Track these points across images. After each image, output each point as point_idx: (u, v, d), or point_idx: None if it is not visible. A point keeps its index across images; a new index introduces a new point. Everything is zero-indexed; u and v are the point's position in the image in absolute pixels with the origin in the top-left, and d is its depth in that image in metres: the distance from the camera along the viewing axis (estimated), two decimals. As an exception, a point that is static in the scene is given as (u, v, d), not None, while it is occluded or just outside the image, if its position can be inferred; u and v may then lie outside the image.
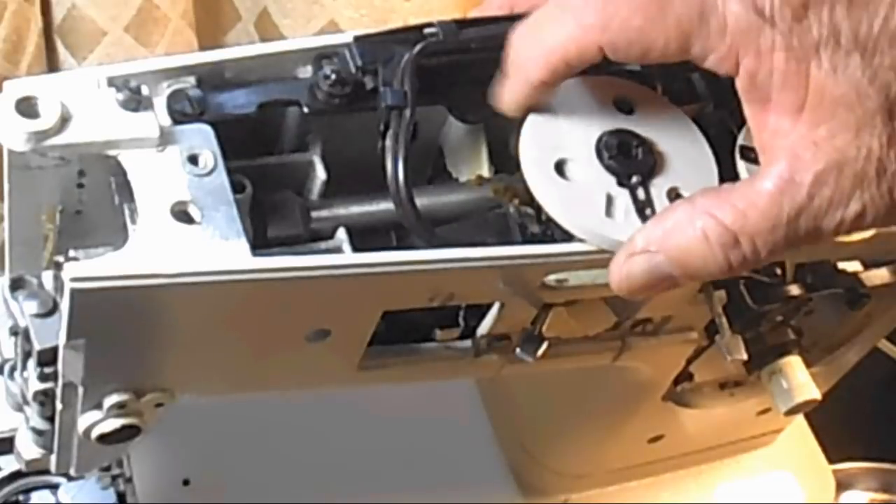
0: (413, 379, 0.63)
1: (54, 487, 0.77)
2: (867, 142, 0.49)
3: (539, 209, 0.54)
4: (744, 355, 0.63)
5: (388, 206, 0.54)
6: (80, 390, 0.52)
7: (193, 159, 0.50)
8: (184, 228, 0.48)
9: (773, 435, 0.90)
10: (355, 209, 0.55)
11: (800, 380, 0.69)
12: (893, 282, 0.70)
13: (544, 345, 0.59)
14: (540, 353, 0.60)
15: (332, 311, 0.53)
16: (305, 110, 0.54)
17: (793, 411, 0.70)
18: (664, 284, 0.51)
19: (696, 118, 0.57)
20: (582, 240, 0.53)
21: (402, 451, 0.84)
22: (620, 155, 0.54)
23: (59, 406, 0.54)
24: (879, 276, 0.70)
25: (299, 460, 0.82)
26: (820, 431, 0.94)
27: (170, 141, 0.50)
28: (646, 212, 0.53)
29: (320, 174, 0.55)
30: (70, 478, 0.75)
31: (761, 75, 0.49)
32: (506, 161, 0.57)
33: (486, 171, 0.59)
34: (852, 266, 0.69)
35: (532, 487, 0.86)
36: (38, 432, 0.58)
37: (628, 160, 0.54)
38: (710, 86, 0.59)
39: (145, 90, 0.50)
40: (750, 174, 0.56)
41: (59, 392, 0.53)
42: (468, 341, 0.60)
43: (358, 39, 0.54)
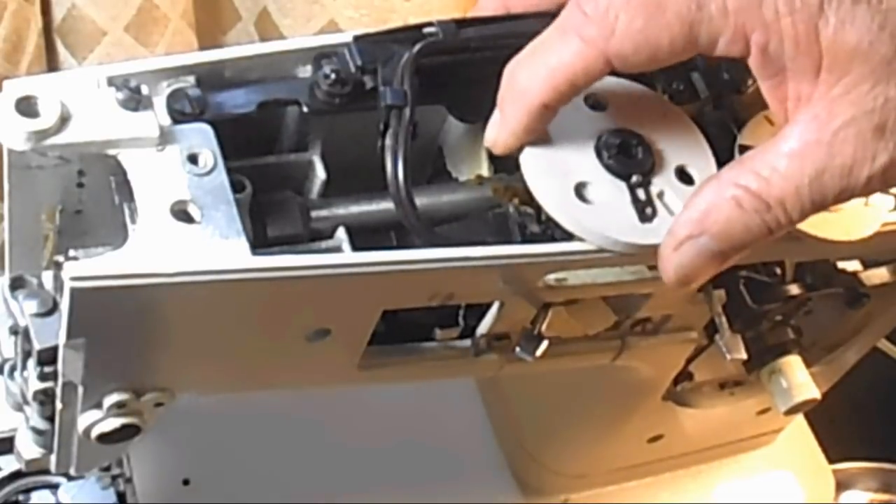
0: (413, 378, 0.63)
1: (54, 487, 0.77)
2: (884, 91, 0.48)
3: (539, 208, 0.54)
4: (743, 355, 0.63)
5: (387, 205, 0.54)
6: (80, 390, 0.52)
7: (193, 159, 0.50)
8: (183, 228, 0.48)
9: (772, 435, 0.90)
10: (355, 209, 0.55)
11: (799, 379, 0.69)
12: (893, 281, 0.70)
13: (544, 344, 0.59)
14: (539, 352, 0.60)
15: (332, 311, 0.53)
16: (305, 110, 0.54)
17: (792, 411, 0.70)
18: (717, 263, 0.51)
19: (696, 118, 0.57)
20: (582, 239, 0.53)
21: (402, 450, 0.84)
22: (620, 154, 0.54)
23: (58, 405, 0.54)
24: (879, 275, 0.70)
25: (299, 460, 0.82)
26: (820, 431, 0.94)
27: (169, 140, 0.50)
28: (646, 211, 0.53)
29: (320, 174, 0.55)
30: (70, 478, 0.75)
31: (772, 46, 0.48)
32: (505, 160, 0.57)
33: (485, 170, 0.59)
34: (852, 266, 0.69)
35: (532, 487, 0.86)
36: (38, 432, 0.58)
37: (629, 159, 0.54)
38: (710, 86, 0.59)
39: (145, 89, 0.50)
40: None
41: (58, 391, 0.53)
42: (468, 341, 0.60)
43: (357, 39, 0.54)
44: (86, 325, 0.48)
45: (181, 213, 0.48)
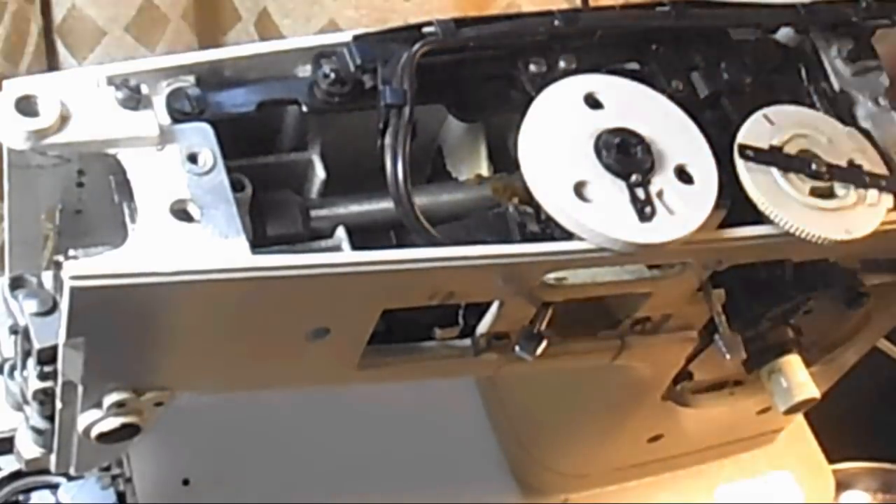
0: (412, 377, 0.63)
1: (54, 487, 0.77)
2: None
3: (538, 207, 0.54)
4: (742, 354, 0.63)
5: (387, 204, 0.54)
6: (80, 389, 0.52)
7: (193, 158, 0.50)
8: (183, 227, 0.48)
9: (772, 434, 0.90)
10: (354, 208, 0.55)
11: (799, 379, 0.69)
12: (893, 281, 0.70)
13: (543, 343, 0.59)
14: (539, 351, 0.59)
15: (332, 310, 0.53)
16: (305, 109, 0.54)
17: (792, 410, 0.70)
18: None
19: (696, 118, 0.57)
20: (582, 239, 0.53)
21: (402, 450, 0.84)
22: (619, 153, 0.54)
23: (58, 405, 0.54)
24: (879, 275, 0.70)
25: (299, 461, 0.82)
26: (820, 431, 0.94)
27: (169, 140, 0.50)
28: (645, 210, 0.53)
29: (319, 173, 0.55)
30: (70, 477, 0.75)
31: None
32: (505, 160, 0.57)
33: (485, 170, 0.59)
34: (852, 266, 0.69)
35: (532, 487, 0.86)
36: (38, 431, 0.58)
37: (628, 158, 0.54)
38: (710, 85, 0.59)
39: (145, 89, 0.50)
40: (749, 172, 0.56)
41: (58, 391, 0.53)
42: (468, 340, 0.60)
43: (357, 38, 0.54)
44: (85, 325, 0.48)
45: (181, 213, 0.48)
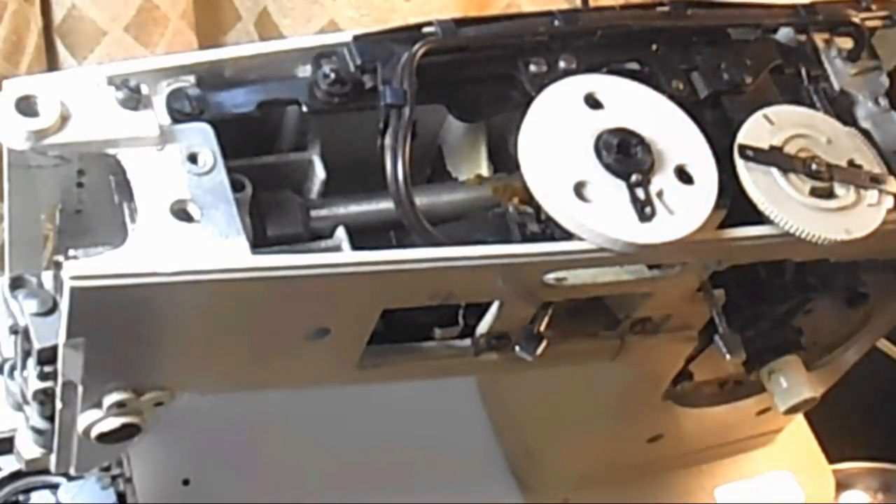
0: (412, 377, 0.63)
1: (54, 487, 0.77)
2: None
3: (538, 208, 0.54)
4: (742, 354, 0.63)
5: (387, 204, 0.54)
6: (80, 389, 0.52)
7: (193, 158, 0.50)
8: (183, 227, 0.48)
9: (772, 434, 0.90)
10: (354, 208, 0.55)
11: (799, 379, 0.69)
12: (893, 281, 0.70)
13: (543, 343, 0.59)
14: (539, 351, 0.59)
15: (332, 310, 0.53)
16: (305, 109, 0.54)
17: (792, 410, 0.70)
18: None
19: (696, 118, 0.57)
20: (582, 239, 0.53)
21: (401, 450, 0.84)
22: (619, 153, 0.54)
23: (58, 405, 0.54)
24: (879, 275, 0.70)
25: (299, 460, 0.82)
26: (820, 431, 0.94)
27: (169, 140, 0.50)
28: (645, 210, 0.53)
29: (319, 173, 0.55)
30: (70, 477, 0.75)
31: None
32: (505, 160, 0.57)
33: (485, 170, 0.59)
34: (852, 266, 0.69)
35: (532, 487, 0.86)
36: (38, 431, 0.58)
37: (628, 158, 0.54)
38: (710, 85, 0.59)
39: (145, 89, 0.50)
40: (749, 172, 0.56)
41: (58, 391, 0.53)
42: (468, 340, 0.60)
43: (357, 38, 0.54)
44: (85, 325, 0.48)
45: (181, 213, 0.48)
